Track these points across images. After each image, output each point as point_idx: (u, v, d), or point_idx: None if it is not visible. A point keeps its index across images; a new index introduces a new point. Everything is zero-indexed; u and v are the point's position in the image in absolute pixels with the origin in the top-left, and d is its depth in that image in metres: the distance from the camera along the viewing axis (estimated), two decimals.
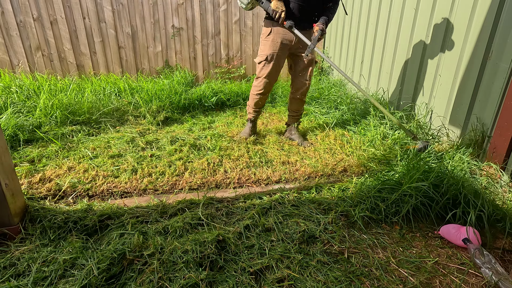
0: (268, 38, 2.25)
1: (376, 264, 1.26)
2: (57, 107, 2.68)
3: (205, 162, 2.11)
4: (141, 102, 3.12)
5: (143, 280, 1.13)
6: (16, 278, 1.15)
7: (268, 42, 2.25)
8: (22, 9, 3.71)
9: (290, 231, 1.42)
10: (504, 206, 1.54)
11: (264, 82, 2.35)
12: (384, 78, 3.12)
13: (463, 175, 1.74)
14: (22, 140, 2.30)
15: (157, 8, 4.09)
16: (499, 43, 1.88)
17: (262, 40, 2.31)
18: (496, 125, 1.88)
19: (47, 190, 1.75)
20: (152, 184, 1.85)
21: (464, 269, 1.25)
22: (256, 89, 2.41)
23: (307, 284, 1.14)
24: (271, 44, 2.24)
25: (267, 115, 3.30)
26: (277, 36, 2.22)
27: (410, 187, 1.56)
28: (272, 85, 2.41)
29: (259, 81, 2.37)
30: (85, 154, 2.18)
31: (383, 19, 3.07)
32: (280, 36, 2.22)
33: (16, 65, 3.90)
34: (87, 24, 3.95)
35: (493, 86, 1.92)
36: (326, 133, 2.67)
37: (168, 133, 2.64)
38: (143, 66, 4.30)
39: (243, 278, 1.16)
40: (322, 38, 2.20)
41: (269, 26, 2.24)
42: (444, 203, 1.55)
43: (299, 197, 1.71)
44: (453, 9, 2.20)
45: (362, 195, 1.64)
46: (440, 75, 2.35)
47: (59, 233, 1.39)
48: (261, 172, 2.01)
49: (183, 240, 1.32)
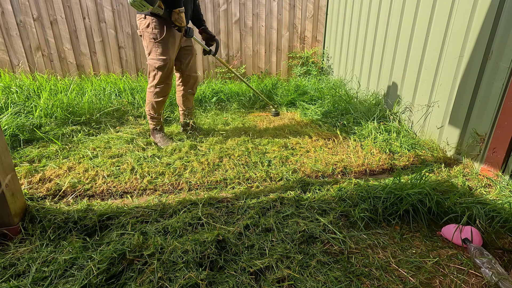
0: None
1: (376, 264, 1.26)
2: (57, 107, 2.68)
3: (205, 162, 2.11)
4: (141, 102, 3.12)
5: (143, 280, 1.13)
6: (16, 278, 1.15)
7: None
8: (22, 9, 3.71)
9: (290, 231, 1.42)
10: (505, 206, 1.54)
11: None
12: (384, 78, 3.12)
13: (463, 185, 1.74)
14: (22, 140, 2.30)
15: None
16: (499, 43, 1.88)
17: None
18: (496, 125, 1.88)
19: (47, 190, 1.75)
20: (152, 184, 1.85)
21: (464, 269, 1.25)
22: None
23: (307, 284, 1.14)
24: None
25: (266, 115, 3.30)
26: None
27: (409, 193, 1.57)
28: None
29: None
30: (85, 154, 2.18)
31: (383, 19, 3.07)
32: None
33: (16, 65, 3.90)
34: (87, 24, 3.96)
35: (493, 86, 1.92)
36: (326, 133, 2.67)
37: (168, 133, 2.64)
38: (143, 66, 4.31)
39: (243, 278, 1.16)
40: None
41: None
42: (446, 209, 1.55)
43: (299, 197, 1.71)
44: (453, 9, 2.20)
45: (362, 195, 1.64)
46: (440, 75, 2.35)
47: (59, 233, 1.39)
48: (261, 172, 2.01)
49: (183, 240, 1.32)
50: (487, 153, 1.96)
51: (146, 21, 2.13)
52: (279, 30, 4.50)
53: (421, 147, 2.37)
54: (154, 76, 2.25)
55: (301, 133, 2.71)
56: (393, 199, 1.56)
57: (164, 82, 2.28)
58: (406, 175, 1.97)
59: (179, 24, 2.12)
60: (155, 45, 2.16)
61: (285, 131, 2.76)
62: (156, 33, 2.13)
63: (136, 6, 1.94)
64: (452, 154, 2.28)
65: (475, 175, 1.98)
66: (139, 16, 2.17)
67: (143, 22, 2.15)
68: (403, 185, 1.63)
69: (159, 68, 2.20)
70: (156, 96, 2.32)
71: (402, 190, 1.59)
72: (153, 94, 2.31)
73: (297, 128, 2.85)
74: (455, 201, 1.58)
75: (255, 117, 3.22)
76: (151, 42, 2.16)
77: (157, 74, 2.23)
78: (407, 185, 1.62)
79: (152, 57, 2.19)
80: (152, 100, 2.34)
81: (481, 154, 2.04)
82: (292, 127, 2.87)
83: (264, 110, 3.55)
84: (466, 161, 2.13)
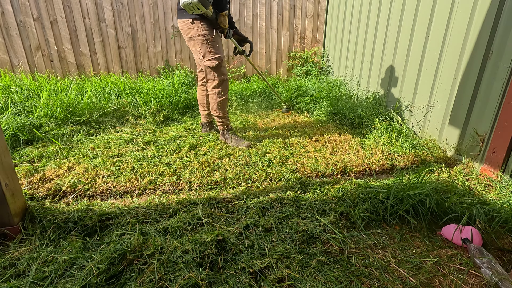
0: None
1: (376, 264, 1.26)
2: (57, 107, 2.68)
3: (205, 162, 2.11)
4: (141, 102, 3.12)
5: (143, 280, 1.12)
6: (16, 278, 1.15)
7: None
8: (22, 9, 3.71)
9: (290, 231, 1.42)
10: (505, 206, 1.54)
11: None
12: (384, 78, 3.12)
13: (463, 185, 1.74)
14: (22, 140, 2.30)
15: (157, 8, 4.09)
16: (499, 43, 1.88)
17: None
18: (496, 125, 1.88)
19: (47, 190, 1.75)
20: (152, 184, 1.85)
21: (464, 269, 1.25)
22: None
23: (307, 284, 1.14)
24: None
25: (266, 116, 3.30)
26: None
27: (409, 194, 1.57)
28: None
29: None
30: (85, 154, 2.18)
31: (383, 19, 3.07)
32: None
33: (16, 65, 3.90)
34: (87, 24, 3.96)
35: (493, 86, 1.92)
36: (326, 135, 2.67)
37: (168, 133, 2.64)
38: (143, 66, 4.31)
39: (243, 278, 1.16)
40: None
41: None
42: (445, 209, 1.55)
43: (299, 197, 1.71)
44: (453, 9, 2.20)
45: (362, 196, 1.64)
46: (440, 75, 2.35)
47: (59, 233, 1.39)
48: (261, 171, 2.01)
49: (183, 240, 1.32)
50: (487, 153, 1.96)
51: (195, 25, 2.18)
52: (279, 30, 4.50)
53: (421, 147, 2.37)
54: (213, 76, 2.30)
55: (301, 133, 2.71)
56: (393, 199, 1.56)
57: (224, 79, 2.32)
58: (406, 175, 1.97)
59: (224, 26, 2.20)
60: (208, 45, 2.21)
61: (285, 131, 2.76)
62: (207, 34, 2.19)
63: (190, 8, 1.98)
64: (452, 154, 2.28)
65: (475, 175, 1.98)
66: (186, 22, 2.20)
67: (191, 27, 2.19)
68: (404, 186, 1.63)
69: (216, 67, 2.25)
70: (220, 95, 2.36)
71: (403, 191, 1.59)
72: (216, 94, 2.35)
73: (297, 128, 2.85)
74: (455, 201, 1.58)
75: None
76: (204, 44, 2.21)
77: (215, 73, 2.28)
78: (408, 186, 1.62)
79: (208, 58, 2.24)
80: (217, 101, 2.37)
81: (481, 154, 2.04)
82: (292, 127, 2.87)
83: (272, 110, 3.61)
84: (466, 161, 2.13)
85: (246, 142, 2.41)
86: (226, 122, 2.47)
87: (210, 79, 2.32)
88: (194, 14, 2.11)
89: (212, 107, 2.42)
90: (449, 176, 1.97)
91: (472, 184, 1.88)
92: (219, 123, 2.48)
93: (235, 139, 2.44)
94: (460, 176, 1.97)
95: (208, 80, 2.34)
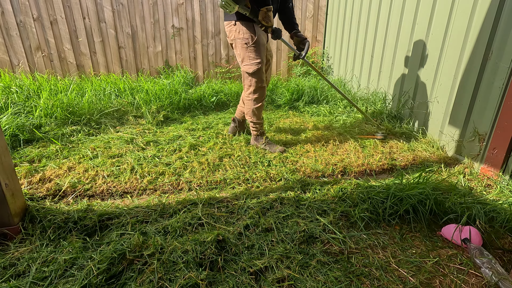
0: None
1: (376, 264, 1.26)
2: (57, 107, 2.68)
3: (205, 162, 2.11)
4: (141, 102, 3.12)
5: (143, 280, 1.13)
6: (16, 278, 1.15)
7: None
8: (22, 9, 3.71)
9: (290, 231, 1.42)
10: (505, 206, 1.54)
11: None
12: (384, 78, 3.12)
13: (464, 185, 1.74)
14: (22, 140, 2.30)
15: (157, 8, 4.09)
16: (499, 43, 1.88)
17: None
18: (496, 125, 1.88)
19: (47, 190, 1.75)
20: (152, 184, 1.85)
21: (464, 269, 1.25)
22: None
23: (307, 284, 1.14)
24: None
25: (267, 116, 3.30)
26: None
27: (409, 194, 1.57)
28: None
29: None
30: (85, 154, 2.18)
31: (383, 19, 3.07)
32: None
33: (16, 65, 3.90)
34: (87, 24, 3.96)
35: (493, 86, 1.92)
36: (326, 134, 2.67)
37: (168, 133, 2.64)
38: (143, 66, 4.31)
39: (243, 278, 1.16)
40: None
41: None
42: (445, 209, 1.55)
43: (299, 197, 1.71)
44: (453, 9, 2.20)
45: (362, 196, 1.64)
46: (440, 75, 2.35)
47: (59, 233, 1.39)
48: (261, 171, 2.01)
49: (183, 240, 1.32)
50: (487, 153, 1.96)
51: (236, 27, 2.11)
52: None
53: (421, 147, 2.37)
54: (250, 82, 2.21)
55: (301, 133, 2.71)
56: (393, 199, 1.56)
57: (261, 87, 2.22)
58: (406, 175, 1.97)
59: (266, 23, 2.04)
60: (248, 50, 2.12)
61: (285, 131, 2.76)
62: (248, 37, 2.10)
63: (224, 6, 1.93)
64: (452, 154, 2.28)
65: (475, 175, 1.98)
66: (229, 23, 2.14)
67: (233, 29, 2.13)
68: (404, 186, 1.63)
69: (254, 73, 2.16)
70: (256, 103, 2.27)
71: (403, 191, 1.58)
72: (252, 101, 2.27)
73: (297, 128, 2.85)
74: (455, 201, 1.58)
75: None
76: (244, 48, 2.13)
77: (253, 80, 2.19)
78: (408, 186, 1.62)
79: (246, 63, 2.15)
80: (252, 107, 2.29)
81: (481, 154, 2.04)
82: (292, 127, 2.87)
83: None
84: (466, 161, 2.13)
85: (280, 147, 2.33)
86: (260, 127, 2.40)
87: (246, 85, 2.25)
88: (234, 16, 2.06)
89: (246, 113, 2.36)
90: (449, 176, 1.97)
91: (472, 184, 1.88)
92: (253, 129, 2.40)
93: (268, 144, 2.38)
94: (460, 176, 1.97)
95: (244, 85, 2.27)
